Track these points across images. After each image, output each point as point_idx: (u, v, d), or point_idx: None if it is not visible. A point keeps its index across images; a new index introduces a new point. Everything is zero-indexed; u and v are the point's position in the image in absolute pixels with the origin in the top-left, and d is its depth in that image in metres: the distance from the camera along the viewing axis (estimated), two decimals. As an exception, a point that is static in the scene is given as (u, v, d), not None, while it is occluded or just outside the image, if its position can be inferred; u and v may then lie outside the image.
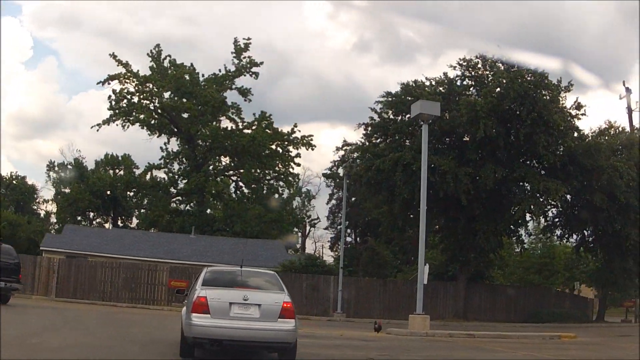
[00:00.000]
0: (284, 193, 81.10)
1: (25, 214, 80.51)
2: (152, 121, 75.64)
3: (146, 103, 74.40)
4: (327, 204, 79.71)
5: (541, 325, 43.17)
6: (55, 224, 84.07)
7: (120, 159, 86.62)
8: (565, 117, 43.75)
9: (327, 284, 49.35)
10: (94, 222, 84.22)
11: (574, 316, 49.45)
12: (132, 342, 19.16)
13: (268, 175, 78.50)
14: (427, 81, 46.96)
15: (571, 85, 44.49)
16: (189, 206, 78.31)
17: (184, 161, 78.18)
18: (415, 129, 44.61)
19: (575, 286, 65.18)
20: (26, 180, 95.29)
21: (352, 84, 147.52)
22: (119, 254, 54.55)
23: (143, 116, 74.05)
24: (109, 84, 73.28)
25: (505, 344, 27.02)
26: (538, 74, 43.25)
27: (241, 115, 75.92)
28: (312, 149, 75.96)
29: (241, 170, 77.03)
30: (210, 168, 77.22)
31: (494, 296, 52.26)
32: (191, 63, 76.38)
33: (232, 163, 78.70)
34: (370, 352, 21.05)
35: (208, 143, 76.00)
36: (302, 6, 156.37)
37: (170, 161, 78.11)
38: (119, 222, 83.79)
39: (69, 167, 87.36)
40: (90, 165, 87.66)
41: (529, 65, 43.46)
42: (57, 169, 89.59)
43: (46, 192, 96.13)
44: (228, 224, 73.22)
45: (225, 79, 75.61)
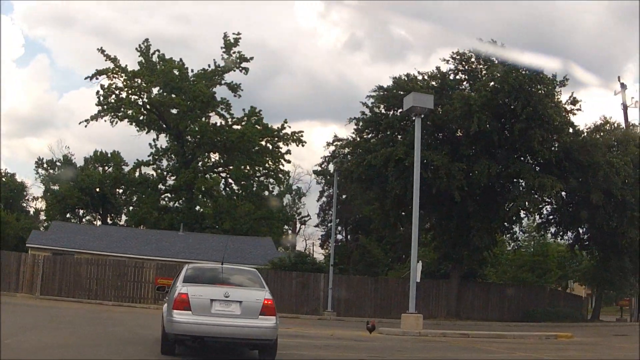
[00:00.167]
0: (274, 190, 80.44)
1: (14, 212, 79.70)
2: (141, 117, 75.05)
3: (134, 98, 73.67)
4: (318, 201, 79.24)
5: (536, 324, 42.83)
6: (45, 222, 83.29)
7: (109, 156, 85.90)
8: (560, 112, 43.07)
9: (318, 282, 48.68)
10: (84, 220, 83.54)
11: (568, 315, 49.18)
12: (114, 341, 18.73)
13: (258, 172, 77.81)
14: (420, 75, 46.37)
15: (566, 80, 43.91)
16: (177, 203, 77.61)
17: (173, 158, 77.48)
18: (407, 123, 44.03)
19: (569, 285, 64.90)
20: (15, 177, 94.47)
21: (344, 82, 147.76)
22: (105, 251, 53.79)
23: (131, 112, 73.33)
24: (96, 79, 72.49)
25: (501, 344, 26.45)
26: (533, 69, 42.53)
27: (230, 111, 75.39)
28: (303, 145, 75.53)
29: (230, 166, 76.33)
30: (200, 164, 76.49)
31: (487, 295, 51.80)
32: (180, 58, 75.75)
33: (222, 160, 78.08)
34: (361, 353, 20.50)
35: (197, 139, 75.30)
36: (294, 5, 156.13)
37: (159, 158, 77.42)
38: (108, 220, 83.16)
39: (58, 164, 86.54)
40: (79, 162, 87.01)
41: (523, 62, 42.82)
42: (46, 166, 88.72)
43: (36, 190, 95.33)
44: (217, 221, 72.66)
45: (215, 74, 74.89)
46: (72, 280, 46.63)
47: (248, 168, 76.49)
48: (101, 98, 72.51)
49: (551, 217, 50.66)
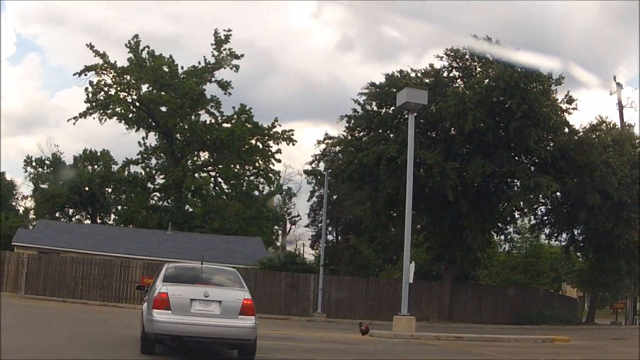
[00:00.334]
0: (264, 190, 79.72)
1: (3, 210, 78.92)
2: (130, 115, 74.22)
3: (124, 95, 72.84)
4: (308, 201, 78.89)
5: (530, 327, 42.45)
6: (34, 220, 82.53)
7: (99, 154, 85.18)
8: (556, 111, 42.46)
9: (307, 283, 47.88)
10: (73, 219, 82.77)
11: (563, 318, 49.02)
12: (93, 343, 18.24)
13: (248, 172, 77.07)
14: (413, 73, 45.75)
15: (562, 78, 43.33)
16: (166, 202, 76.88)
17: (162, 156, 76.73)
18: (400, 121, 43.62)
19: (562, 287, 64.56)
20: (5, 176, 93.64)
21: (336, 82, 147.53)
22: (92, 250, 53.11)
23: (120, 109, 72.50)
24: (85, 74, 71.57)
25: (496, 347, 25.78)
26: (528, 67, 41.84)
27: (220, 109, 74.55)
28: (293, 144, 74.87)
29: (220, 165, 75.60)
30: (189, 163, 75.72)
31: (480, 296, 51.25)
32: (170, 55, 74.95)
33: (211, 158, 77.32)
34: (351, 358, 19.96)
35: (186, 137, 74.55)
36: (286, 5, 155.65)
37: (148, 156, 76.71)
38: (98, 219, 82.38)
39: (47, 163, 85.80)
40: (69, 161, 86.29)
41: (519, 60, 42.15)
42: (35, 164, 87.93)
43: (26, 189, 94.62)
44: (206, 220, 71.91)
45: (205, 71, 74.07)
46: (57, 279, 45.78)
47: (238, 167, 75.86)
48: (90, 95, 71.68)
49: (545, 218, 50.15)
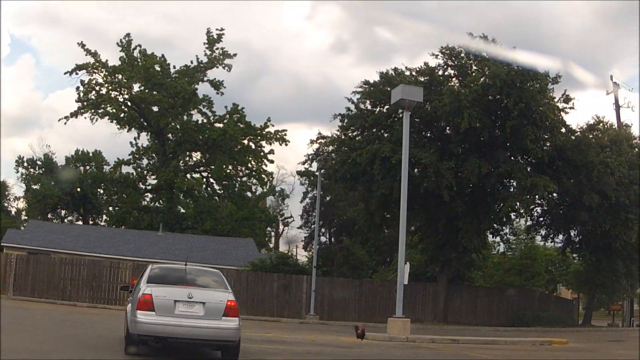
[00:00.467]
0: (257, 191, 79.21)
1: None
2: (122, 114, 73.58)
3: (115, 94, 72.24)
4: (301, 202, 78.75)
5: (526, 329, 42.15)
6: (25, 222, 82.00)
7: (91, 155, 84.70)
8: (553, 110, 41.85)
9: (300, 285, 47.29)
10: (65, 220, 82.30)
11: (559, 319, 48.79)
12: (77, 346, 17.91)
13: (240, 172, 76.46)
14: (408, 71, 45.13)
15: (559, 77, 42.84)
16: (158, 203, 76.23)
17: (154, 156, 76.13)
18: (394, 120, 43.27)
19: (557, 288, 64.21)
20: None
21: (329, 84, 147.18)
22: (82, 250, 52.55)
23: (111, 108, 71.89)
24: (76, 73, 70.85)
25: (494, 350, 25.36)
26: (524, 66, 41.29)
27: (212, 108, 73.95)
28: (286, 144, 74.08)
29: (212, 166, 74.98)
30: (181, 163, 75.06)
31: (475, 298, 50.88)
32: (162, 54, 74.31)
33: (203, 159, 76.72)
34: None
35: (178, 137, 73.99)
36: (280, 6, 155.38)
37: (140, 156, 76.10)
38: (89, 220, 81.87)
39: (39, 163, 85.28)
40: (60, 161, 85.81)
41: (515, 59, 41.66)
42: (27, 164, 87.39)
43: (18, 190, 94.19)
44: (198, 221, 71.32)
45: (197, 70, 73.45)
46: (46, 280, 45.18)
47: (230, 168, 75.25)
48: (81, 94, 71.09)
49: (541, 219, 49.65)
